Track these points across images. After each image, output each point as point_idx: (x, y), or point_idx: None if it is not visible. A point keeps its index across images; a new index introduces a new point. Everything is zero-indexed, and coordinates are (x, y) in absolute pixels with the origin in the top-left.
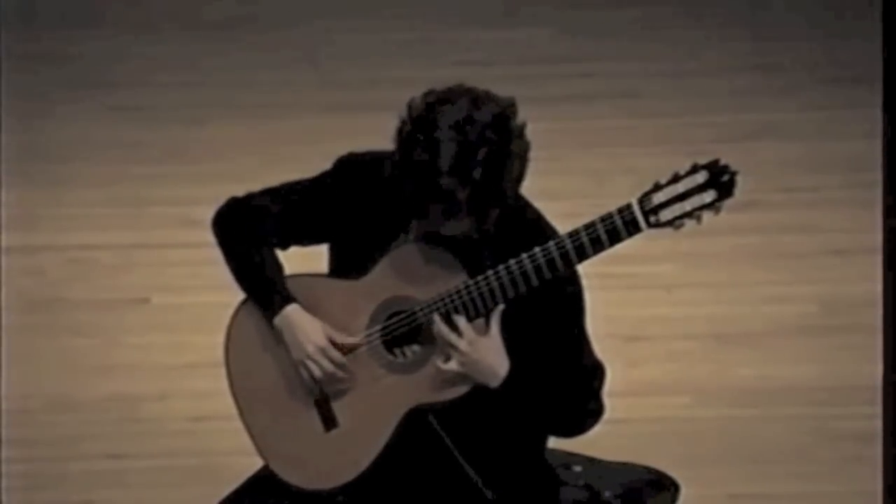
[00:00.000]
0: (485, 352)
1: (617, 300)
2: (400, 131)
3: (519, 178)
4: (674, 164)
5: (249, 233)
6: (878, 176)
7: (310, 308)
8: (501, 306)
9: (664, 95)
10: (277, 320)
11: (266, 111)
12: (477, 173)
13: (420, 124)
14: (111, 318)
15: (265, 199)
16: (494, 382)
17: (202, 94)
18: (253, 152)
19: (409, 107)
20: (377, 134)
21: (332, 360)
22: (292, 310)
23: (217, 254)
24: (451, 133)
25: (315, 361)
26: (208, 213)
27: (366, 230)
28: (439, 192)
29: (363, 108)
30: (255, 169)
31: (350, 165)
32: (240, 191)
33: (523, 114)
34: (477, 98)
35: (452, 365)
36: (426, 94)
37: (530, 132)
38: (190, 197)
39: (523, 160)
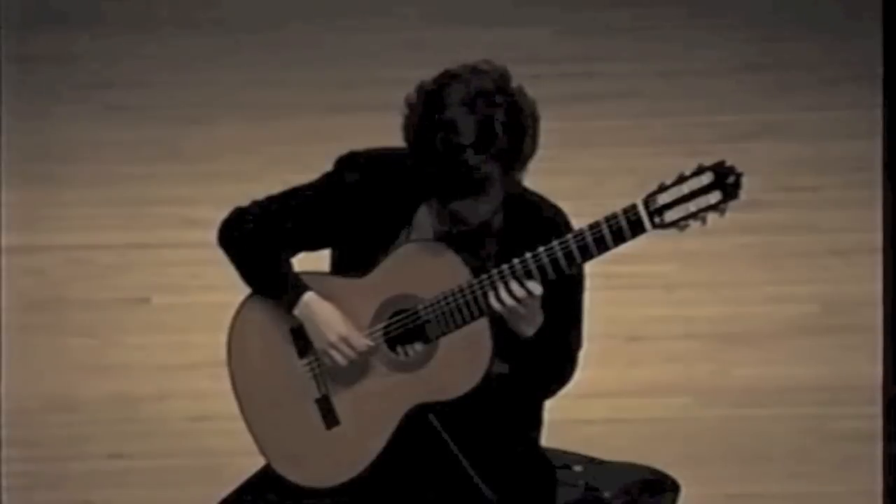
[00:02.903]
0: (536, 305)
1: (617, 300)
2: (409, 120)
3: (535, 139)
4: (674, 164)
5: (257, 240)
6: (878, 176)
7: None
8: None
9: (664, 95)
10: (297, 311)
11: (266, 111)
12: (500, 141)
13: (431, 107)
14: (111, 318)
15: (269, 208)
16: (531, 332)
17: (202, 94)
18: (253, 152)
19: (414, 95)
20: (377, 134)
21: (355, 349)
22: (310, 298)
23: (217, 254)
24: (465, 109)
25: (339, 350)
26: (208, 213)
27: (369, 227)
28: (466, 167)
29: (363, 108)
30: (255, 169)
31: (351, 164)
32: (239, 191)
33: None
34: (476, 69)
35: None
36: (431, 80)
37: None
38: (190, 197)
39: (535, 118)
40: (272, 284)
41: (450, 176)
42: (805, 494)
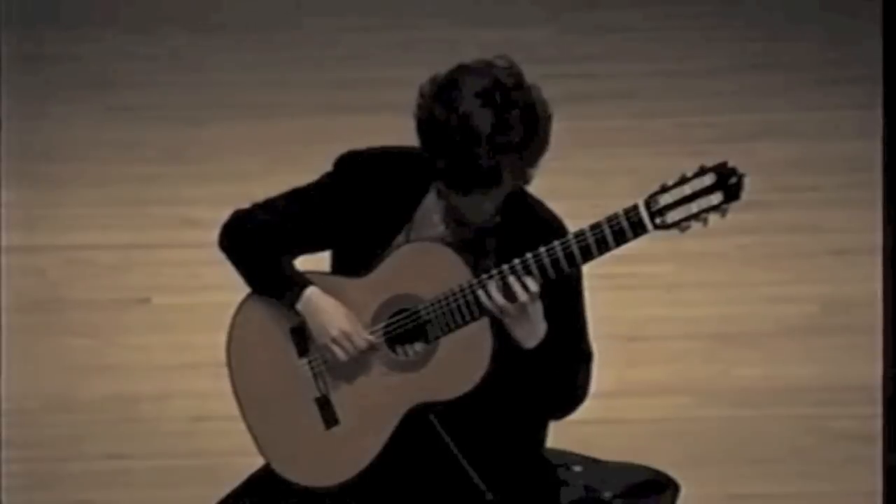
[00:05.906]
0: (536, 313)
1: (617, 300)
2: (422, 110)
3: (547, 137)
4: (673, 164)
5: (258, 243)
6: (878, 176)
7: None
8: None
9: (664, 95)
10: (300, 305)
11: (266, 111)
12: (515, 135)
13: (447, 98)
14: (111, 318)
15: (270, 210)
16: (532, 342)
17: (202, 94)
18: (253, 152)
19: (428, 86)
20: (377, 134)
21: (357, 345)
22: (312, 292)
23: (217, 254)
24: (480, 101)
25: (340, 345)
26: (208, 213)
27: (370, 226)
28: (479, 159)
29: (363, 108)
30: (255, 169)
31: (351, 162)
32: (239, 191)
33: None
34: (492, 64)
35: (534, 287)
36: (446, 72)
37: None
38: (190, 197)
39: (548, 116)
40: (274, 283)
41: (462, 168)
42: (805, 494)
